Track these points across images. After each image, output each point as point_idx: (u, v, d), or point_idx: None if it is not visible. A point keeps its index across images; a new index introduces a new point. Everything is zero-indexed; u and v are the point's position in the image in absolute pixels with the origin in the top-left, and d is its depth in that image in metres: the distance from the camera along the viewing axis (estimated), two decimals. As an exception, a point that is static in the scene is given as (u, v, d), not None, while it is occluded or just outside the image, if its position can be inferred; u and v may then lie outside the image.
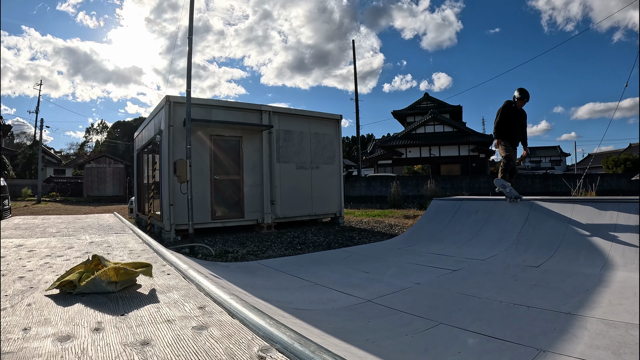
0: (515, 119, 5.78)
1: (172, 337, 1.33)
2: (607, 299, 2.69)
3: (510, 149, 5.79)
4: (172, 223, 6.83)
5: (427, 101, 34.47)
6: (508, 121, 5.73)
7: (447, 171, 29.79)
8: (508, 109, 5.74)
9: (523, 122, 5.93)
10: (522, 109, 5.85)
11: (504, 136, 5.78)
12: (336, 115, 9.39)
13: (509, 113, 5.74)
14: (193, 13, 6.38)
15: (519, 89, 5.72)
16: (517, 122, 5.85)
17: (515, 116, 5.76)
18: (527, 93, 5.68)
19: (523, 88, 5.69)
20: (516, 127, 5.83)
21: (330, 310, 2.69)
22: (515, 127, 5.82)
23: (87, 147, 50.33)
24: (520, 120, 5.85)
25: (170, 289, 2.02)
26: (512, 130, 5.79)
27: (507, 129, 5.75)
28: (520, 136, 5.96)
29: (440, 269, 3.90)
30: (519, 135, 5.91)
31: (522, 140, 6.02)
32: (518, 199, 5.35)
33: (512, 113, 5.72)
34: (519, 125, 5.89)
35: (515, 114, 5.75)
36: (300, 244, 6.30)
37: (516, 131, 5.86)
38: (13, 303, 1.73)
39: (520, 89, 5.70)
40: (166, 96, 7.01)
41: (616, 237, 3.89)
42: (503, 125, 5.78)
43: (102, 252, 3.21)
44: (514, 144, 5.91)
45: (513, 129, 5.81)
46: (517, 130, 5.87)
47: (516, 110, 5.76)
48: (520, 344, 1.99)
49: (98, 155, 31.82)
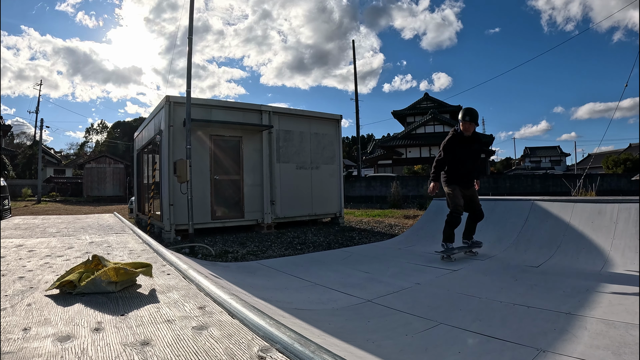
0: (466, 151, 4.37)
1: (172, 337, 1.33)
2: (607, 299, 2.69)
3: (459, 196, 4.37)
4: (172, 223, 6.83)
5: (427, 101, 34.48)
6: (457, 157, 4.36)
7: (447, 171, 29.69)
8: (455, 141, 4.35)
9: (476, 151, 4.51)
10: (475, 136, 4.43)
11: (451, 179, 4.39)
12: (336, 115, 9.39)
13: (457, 145, 4.35)
14: (193, 13, 6.38)
15: (465, 110, 4.34)
16: (469, 157, 4.41)
17: (466, 148, 4.37)
18: (476, 113, 4.31)
19: (470, 108, 4.33)
20: (469, 164, 4.41)
21: (331, 311, 2.69)
22: (467, 164, 4.40)
23: (87, 147, 50.33)
24: (472, 152, 4.44)
25: (170, 289, 2.02)
26: (461, 169, 4.38)
27: (455, 168, 4.38)
28: (476, 174, 4.58)
29: (440, 269, 3.90)
30: (471, 170, 4.45)
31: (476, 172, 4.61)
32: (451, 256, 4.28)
33: (462, 145, 4.35)
34: (471, 158, 4.45)
35: (465, 145, 4.36)
36: (300, 244, 6.30)
37: (469, 169, 4.43)
38: (13, 303, 1.73)
39: (466, 109, 4.34)
40: (166, 96, 7.01)
41: (616, 237, 3.89)
42: (449, 163, 4.38)
43: (102, 252, 3.21)
44: (468, 186, 4.46)
45: (464, 166, 4.38)
46: (470, 166, 4.44)
47: (467, 140, 4.36)
48: (520, 344, 1.99)
49: (98, 155, 31.83)
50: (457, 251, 4.35)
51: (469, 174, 4.45)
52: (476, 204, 4.52)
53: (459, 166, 4.38)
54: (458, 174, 4.39)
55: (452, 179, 4.39)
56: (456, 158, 4.36)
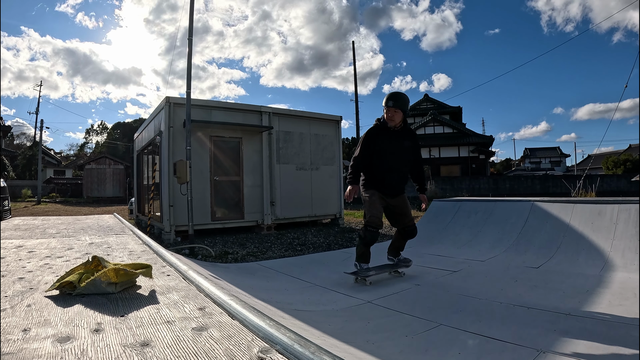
0: (392, 148, 3.41)
1: (172, 338, 1.33)
2: (607, 300, 2.69)
3: (378, 204, 3.42)
4: (172, 224, 6.83)
5: (427, 102, 34.53)
6: (378, 154, 3.41)
7: (447, 172, 29.79)
8: (375, 133, 3.43)
9: (408, 150, 3.50)
10: (407, 131, 3.50)
11: (370, 182, 3.46)
12: (336, 116, 9.39)
13: (378, 139, 3.41)
14: (193, 14, 6.39)
15: (389, 94, 3.43)
16: (397, 156, 3.45)
17: (392, 144, 3.41)
18: (404, 98, 3.41)
19: (396, 92, 3.47)
20: (395, 165, 3.45)
21: (330, 312, 2.69)
22: (392, 165, 3.43)
23: (87, 148, 50.34)
24: (402, 150, 3.46)
25: (170, 290, 2.02)
26: (383, 170, 3.43)
27: (375, 169, 3.44)
28: (412, 175, 3.68)
29: (440, 270, 3.90)
30: (399, 174, 3.50)
31: (416, 181, 3.71)
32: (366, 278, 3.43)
33: (385, 139, 3.41)
34: (400, 158, 3.47)
35: (391, 139, 3.41)
36: (300, 245, 6.30)
37: (397, 172, 3.47)
38: (13, 304, 1.73)
39: (390, 92, 3.44)
40: (166, 97, 7.02)
41: (616, 238, 3.89)
42: (366, 161, 3.44)
43: (102, 253, 3.21)
44: (394, 193, 3.50)
45: (387, 167, 3.42)
46: (396, 166, 3.45)
47: (394, 134, 3.42)
48: (520, 345, 1.99)
49: (98, 156, 31.83)
50: (373, 272, 3.49)
51: (397, 179, 3.48)
52: (407, 218, 3.57)
53: (381, 167, 3.41)
54: (379, 176, 3.43)
55: (370, 182, 3.46)
56: (377, 156, 3.40)
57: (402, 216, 3.61)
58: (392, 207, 3.57)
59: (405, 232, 3.63)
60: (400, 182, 3.55)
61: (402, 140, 3.47)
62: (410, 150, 3.54)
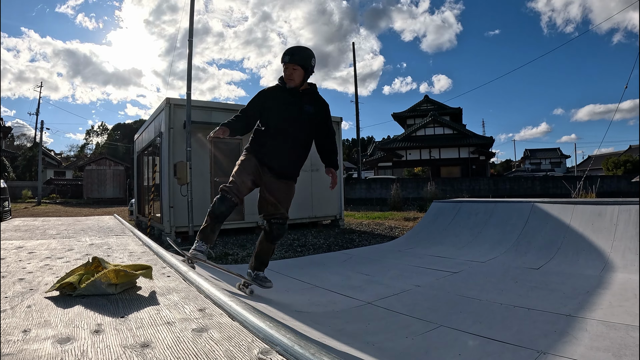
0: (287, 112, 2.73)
1: (172, 340, 1.33)
2: (607, 301, 2.69)
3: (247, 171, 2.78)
4: (172, 225, 6.82)
5: (427, 103, 34.55)
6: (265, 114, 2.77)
7: (447, 173, 29.81)
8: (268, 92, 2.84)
9: (310, 118, 2.78)
10: (311, 93, 2.83)
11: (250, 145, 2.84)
12: (336, 117, 9.39)
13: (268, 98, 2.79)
14: (193, 15, 6.41)
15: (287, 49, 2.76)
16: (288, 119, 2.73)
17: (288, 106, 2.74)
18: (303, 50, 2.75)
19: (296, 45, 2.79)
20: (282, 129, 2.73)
21: (331, 313, 2.69)
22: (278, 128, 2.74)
23: (87, 149, 50.41)
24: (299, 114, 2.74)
25: (170, 291, 2.02)
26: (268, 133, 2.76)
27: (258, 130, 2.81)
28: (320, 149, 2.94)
29: (440, 271, 3.90)
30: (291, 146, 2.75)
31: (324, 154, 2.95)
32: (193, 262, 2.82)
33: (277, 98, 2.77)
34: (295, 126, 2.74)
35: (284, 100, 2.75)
36: (300, 246, 6.30)
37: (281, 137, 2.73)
38: (13, 305, 1.73)
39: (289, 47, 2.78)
40: (166, 98, 7.03)
41: (616, 238, 3.89)
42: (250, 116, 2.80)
43: (102, 254, 3.21)
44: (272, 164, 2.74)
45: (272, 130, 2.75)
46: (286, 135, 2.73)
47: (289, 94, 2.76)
48: (520, 346, 1.99)
49: (98, 157, 31.86)
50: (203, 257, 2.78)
51: (284, 150, 2.73)
52: (278, 204, 2.76)
53: (267, 130, 2.76)
54: (261, 140, 2.78)
55: (252, 145, 2.83)
56: (266, 117, 2.76)
57: (270, 202, 2.76)
58: (267, 188, 2.77)
59: (271, 226, 2.79)
60: (289, 157, 2.77)
61: (303, 104, 2.76)
62: (312, 119, 2.79)
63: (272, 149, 2.74)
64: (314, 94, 2.87)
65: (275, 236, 2.81)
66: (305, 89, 2.81)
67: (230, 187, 2.73)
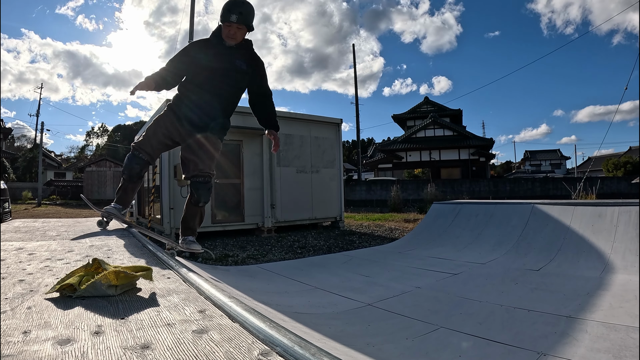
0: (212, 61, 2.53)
1: (172, 341, 1.33)
2: (607, 302, 2.68)
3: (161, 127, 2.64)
4: (172, 227, 6.82)
5: (427, 105, 34.59)
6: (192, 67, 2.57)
7: (448, 175, 29.82)
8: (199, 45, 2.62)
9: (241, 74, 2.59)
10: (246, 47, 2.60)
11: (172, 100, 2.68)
12: (336, 119, 9.40)
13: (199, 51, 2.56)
14: (194, 17, 6.42)
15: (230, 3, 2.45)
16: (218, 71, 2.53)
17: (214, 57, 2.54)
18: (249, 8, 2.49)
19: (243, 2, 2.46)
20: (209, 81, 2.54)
21: (331, 314, 2.69)
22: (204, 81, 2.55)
23: (87, 151, 50.46)
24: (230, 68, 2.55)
25: (170, 293, 2.02)
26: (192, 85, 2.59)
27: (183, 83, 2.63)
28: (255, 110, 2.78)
29: (440, 273, 3.89)
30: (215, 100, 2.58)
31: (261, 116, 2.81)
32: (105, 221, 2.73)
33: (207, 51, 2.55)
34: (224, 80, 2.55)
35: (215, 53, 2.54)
36: (300, 247, 6.29)
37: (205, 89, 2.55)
38: (13, 306, 1.73)
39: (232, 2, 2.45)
40: (166, 100, 7.03)
41: (616, 240, 3.89)
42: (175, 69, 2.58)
43: (102, 256, 3.20)
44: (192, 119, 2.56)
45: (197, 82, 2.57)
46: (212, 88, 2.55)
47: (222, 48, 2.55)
48: (520, 348, 1.99)
49: (98, 159, 31.90)
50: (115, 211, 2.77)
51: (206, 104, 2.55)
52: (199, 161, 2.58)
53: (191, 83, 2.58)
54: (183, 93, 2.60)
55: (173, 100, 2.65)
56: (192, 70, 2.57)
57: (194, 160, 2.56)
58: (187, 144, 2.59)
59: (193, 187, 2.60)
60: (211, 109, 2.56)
61: (234, 59, 2.55)
62: (244, 75, 2.58)
63: (193, 101, 2.54)
64: (249, 49, 2.62)
65: (198, 198, 2.60)
66: (240, 43, 2.56)
67: (140, 143, 2.59)
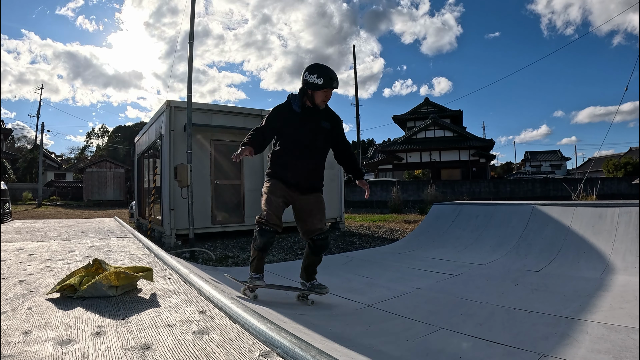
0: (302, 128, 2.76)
1: (172, 342, 1.33)
2: (608, 303, 2.68)
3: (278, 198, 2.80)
4: (172, 228, 6.82)
5: (428, 106, 34.58)
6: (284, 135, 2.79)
7: (448, 176, 29.80)
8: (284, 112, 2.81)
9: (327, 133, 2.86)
10: (327, 111, 2.87)
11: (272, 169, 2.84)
12: (336, 119, 9.40)
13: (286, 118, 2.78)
14: (194, 18, 6.43)
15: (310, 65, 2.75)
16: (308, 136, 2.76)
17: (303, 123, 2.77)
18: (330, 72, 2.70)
19: (326, 66, 2.73)
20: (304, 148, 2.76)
21: (331, 315, 2.69)
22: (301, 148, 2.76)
23: (87, 152, 50.47)
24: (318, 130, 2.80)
25: (171, 294, 2.02)
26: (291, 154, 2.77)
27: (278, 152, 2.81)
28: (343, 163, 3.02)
29: (441, 274, 3.89)
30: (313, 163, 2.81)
31: (349, 168, 3.04)
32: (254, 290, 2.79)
33: (295, 118, 2.77)
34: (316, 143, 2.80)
35: (302, 119, 2.77)
36: (300, 248, 6.29)
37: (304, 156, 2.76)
38: (14, 306, 1.73)
39: (312, 65, 2.75)
40: (167, 101, 7.04)
41: (617, 241, 3.89)
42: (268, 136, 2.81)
43: (103, 256, 3.21)
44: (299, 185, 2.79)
45: (295, 150, 2.77)
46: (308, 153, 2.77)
47: (306, 112, 2.78)
48: (521, 349, 1.99)
49: (99, 160, 31.92)
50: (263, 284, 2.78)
51: (308, 169, 2.79)
52: (312, 223, 2.81)
53: (289, 151, 2.77)
54: (284, 163, 2.78)
55: (274, 169, 2.83)
56: (285, 138, 2.79)
57: (308, 221, 2.83)
58: (300, 206, 2.84)
59: (314, 243, 2.82)
60: (313, 174, 2.83)
61: (320, 120, 2.81)
62: (330, 134, 2.86)
63: (296, 167, 2.77)
64: (327, 109, 2.90)
65: (320, 251, 2.87)
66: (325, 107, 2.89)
67: (268, 217, 2.77)
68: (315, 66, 2.74)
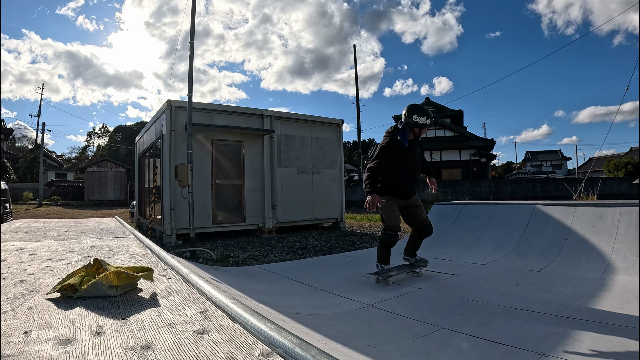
0: (406, 158, 3.58)
1: (173, 342, 1.33)
2: (608, 303, 2.68)
3: (395, 208, 3.62)
4: (173, 227, 6.83)
5: (428, 106, 34.51)
6: (394, 165, 3.56)
7: (449, 176, 29.77)
8: (395, 143, 3.57)
9: (420, 156, 3.76)
10: (418, 141, 3.69)
11: (384, 188, 3.60)
12: (337, 119, 9.41)
13: (396, 149, 3.56)
14: (195, 18, 6.43)
15: (413, 107, 3.54)
16: (409, 162, 3.62)
17: (406, 154, 3.58)
18: (430, 112, 3.63)
19: (422, 106, 3.59)
20: (409, 172, 3.62)
21: (332, 315, 2.69)
22: (406, 172, 3.61)
23: (88, 151, 50.50)
24: (414, 156, 3.65)
25: (171, 293, 2.02)
26: (400, 179, 3.61)
27: (391, 176, 3.58)
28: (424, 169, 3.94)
29: (441, 274, 3.89)
30: (413, 180, 3.71)
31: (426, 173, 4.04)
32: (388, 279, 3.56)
33: (400, 151, 3.55)
34: (414, 166, 3.67)
35: (405, 150, 3.57)
36: (301, 248, 6.29)
37: (409, 177, 3.64)
38: (14, 306, 1.73)
39: (414, 106, 3.55)
40: (167, 100, 7.04)
41: (617, 241, 3.88)
42: (384, 169, 3.57)
43: (103, 256, 3.21)
44: (406, 197, 3.68)
45: (402, 174, 3.60)
46: (411, 175, 3.66)
47: (411, 144, 3.61)
48: (521, 349, 1.98)
49: (99, 159, 31.92)
50: (395, 272, 3.64)
51: (411, 185, 3.71)
52: (420, 217, 3.75)
53: (398, 177, 3.60)
54: (396, 185, 3.62)
55: (386, 188, 3.61)
56: (394, 167, 3.56)
57: (416, 215, 3.77)
58: (406, 208, 3.75)
59: (422, 231, 3.77)
60: (414, 186, 3.75)
61: (415, 148, 3.66)
62: (421, 156, 3.79)
63: (402, 186, 3.63)
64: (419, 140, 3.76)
65: (427, 234, 3.80)
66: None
67: (393, 223, 3.60)
68: (419, 108, 3.53)
